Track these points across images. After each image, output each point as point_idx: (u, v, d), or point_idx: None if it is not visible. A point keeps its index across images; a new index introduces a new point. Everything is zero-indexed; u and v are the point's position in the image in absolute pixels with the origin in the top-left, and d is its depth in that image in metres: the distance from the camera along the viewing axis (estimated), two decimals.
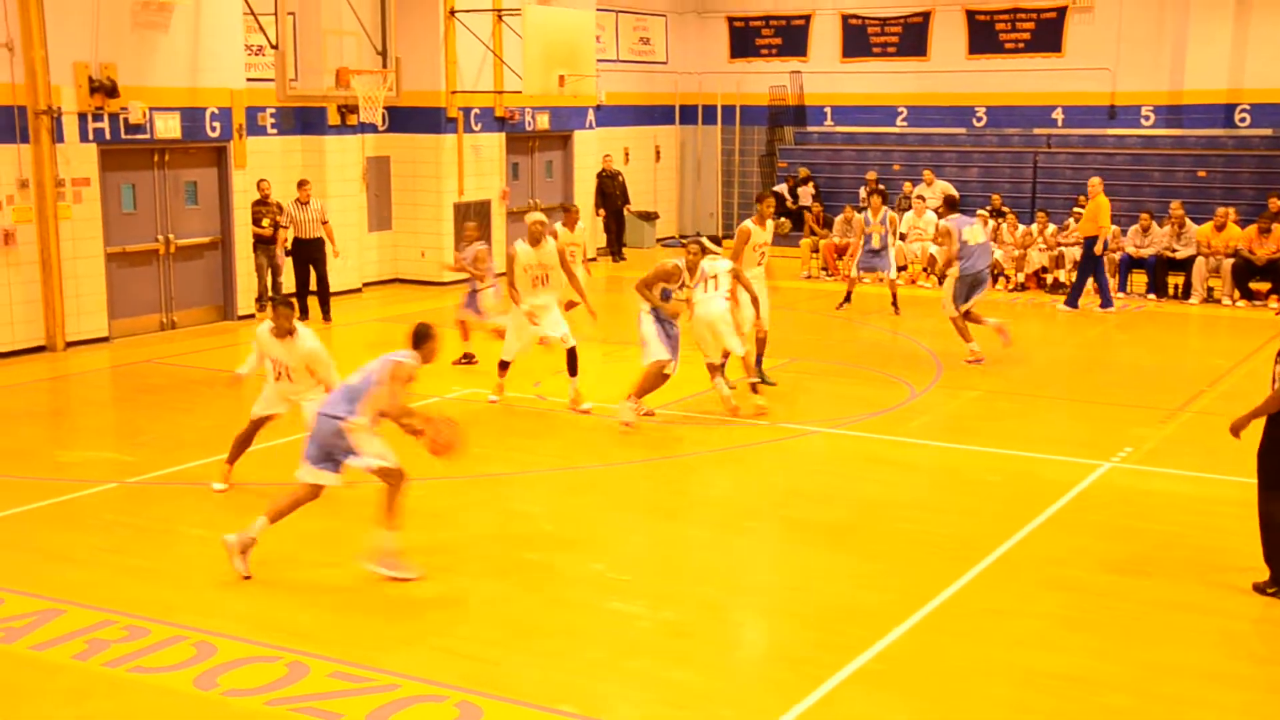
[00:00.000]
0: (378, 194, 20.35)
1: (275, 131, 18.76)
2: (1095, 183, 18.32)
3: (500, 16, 20.60)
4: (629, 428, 11.34)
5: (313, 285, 17.39)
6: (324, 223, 17.29)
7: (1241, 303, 18.60)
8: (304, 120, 19.12)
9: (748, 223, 12.84)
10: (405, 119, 20.23)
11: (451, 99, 20.16)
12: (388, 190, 20.56)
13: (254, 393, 9.83)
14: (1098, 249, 17.95)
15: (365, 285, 19.91)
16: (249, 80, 17.26)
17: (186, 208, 16.56)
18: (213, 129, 16.60)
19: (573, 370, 12.07)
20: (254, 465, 9.99)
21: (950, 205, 15.19)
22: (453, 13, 19.95)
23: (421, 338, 7.91)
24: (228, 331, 16.55)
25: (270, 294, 17.62)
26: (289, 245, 17.46)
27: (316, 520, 9.09)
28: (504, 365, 12.43)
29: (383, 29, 18.98)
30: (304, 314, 16.83)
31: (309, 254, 17.31)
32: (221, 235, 16.96)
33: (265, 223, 17.21)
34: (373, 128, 19.77)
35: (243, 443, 9.72)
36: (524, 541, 8.64)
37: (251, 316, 16.97)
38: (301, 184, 17.44)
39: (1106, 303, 18.24)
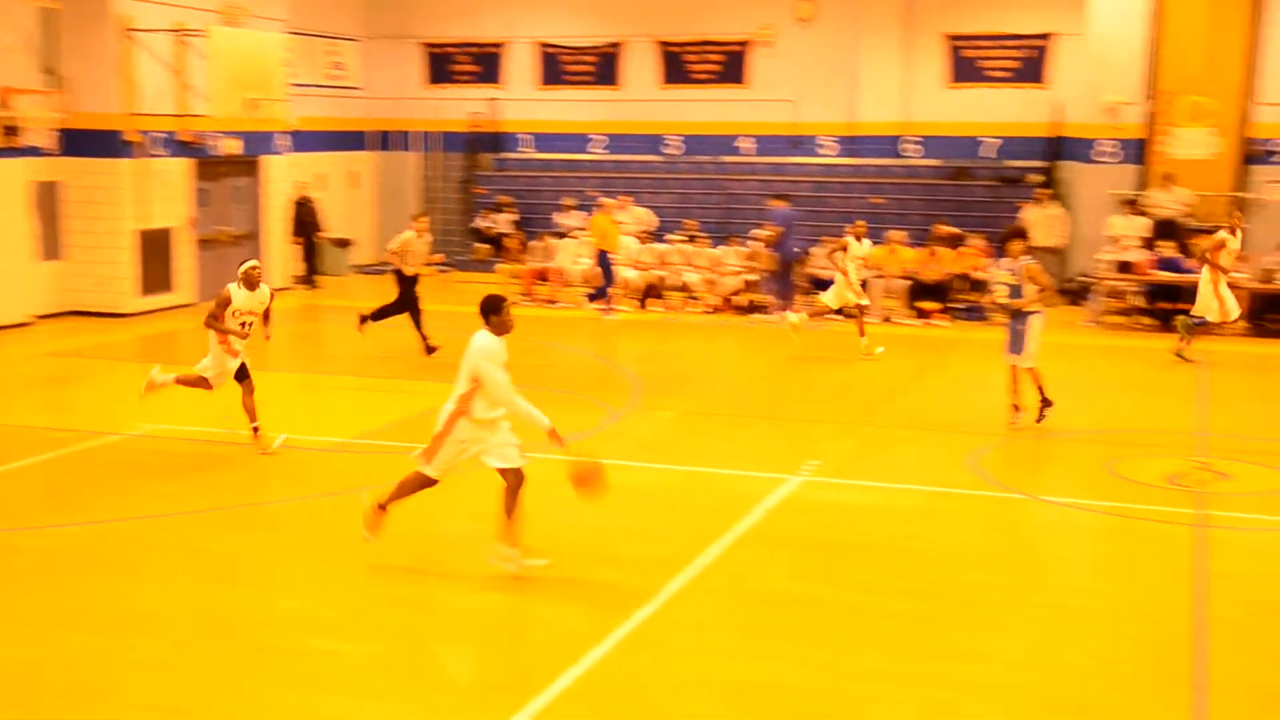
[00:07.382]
0: (46, 221, 18.99)
1: None
2: (600, 205, 20.74)
3: (182, 37, 19.67)
4: None
5: None
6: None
7: (914, 320, 19.82)
8: None
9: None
10: (78, 142, 18.98)
11: (129, 121, 19.09)
12: (58, 217, 19.22)
13: None
14: (611, 258, 20.11)
15: (38, 318, 18.54)
16: None
17: None
18: None
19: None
20: None
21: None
22: (129, 31, 18.91)
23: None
24: None
25: None
26: None
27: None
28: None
29: (49, 46, 17.78)
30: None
31: None
32: None
33: None
34: (40, 151, 18.45)
35: None
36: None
37: None
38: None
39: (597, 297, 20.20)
